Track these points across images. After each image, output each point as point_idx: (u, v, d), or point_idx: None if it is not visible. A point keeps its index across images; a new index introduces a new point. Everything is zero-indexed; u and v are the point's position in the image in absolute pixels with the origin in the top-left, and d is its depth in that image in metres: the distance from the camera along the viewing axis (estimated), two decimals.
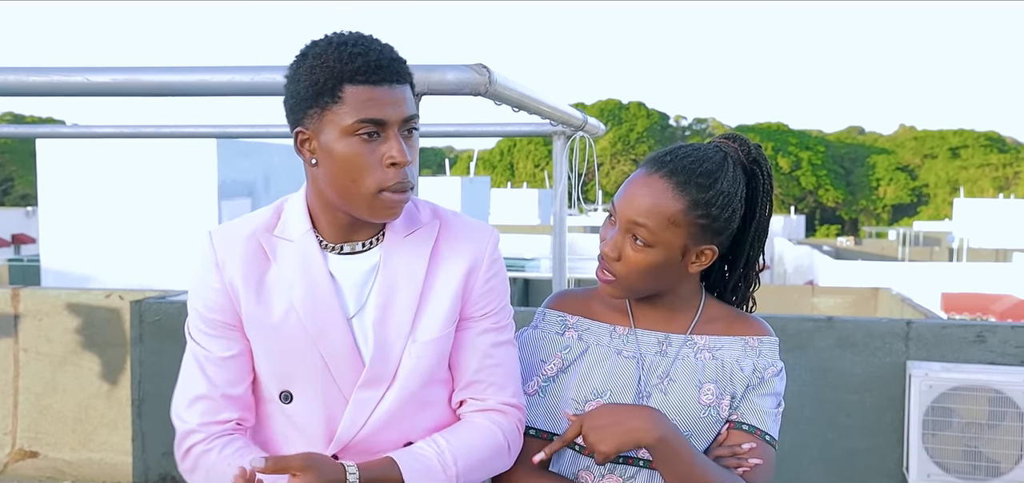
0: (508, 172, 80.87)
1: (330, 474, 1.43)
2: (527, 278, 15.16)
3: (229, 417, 1.55)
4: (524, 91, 2.35)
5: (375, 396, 1.54)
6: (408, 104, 1.49)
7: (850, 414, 4.09)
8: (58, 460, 5.13)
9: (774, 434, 1.66)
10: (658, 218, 1.59)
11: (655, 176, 1.62)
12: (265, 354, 1.56)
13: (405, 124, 1.48)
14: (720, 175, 1.61)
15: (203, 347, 1.56)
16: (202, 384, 1.55)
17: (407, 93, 1.50)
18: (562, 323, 1.74)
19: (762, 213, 1.69)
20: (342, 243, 1.56)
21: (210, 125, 4.86)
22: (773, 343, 1.71)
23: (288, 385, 1.56)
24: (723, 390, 1.64)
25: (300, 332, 1.52)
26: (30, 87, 2.15)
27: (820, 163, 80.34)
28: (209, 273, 1.56)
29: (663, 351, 1.68)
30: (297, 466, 1.40)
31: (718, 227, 1.62)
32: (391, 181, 1.46)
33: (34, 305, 5.16)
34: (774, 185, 1.72)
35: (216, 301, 1.55)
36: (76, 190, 12.99)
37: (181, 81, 2.11)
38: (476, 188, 26.73)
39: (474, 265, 1.60)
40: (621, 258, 1.62)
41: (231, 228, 1.60)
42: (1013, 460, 3.71)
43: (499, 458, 1.61)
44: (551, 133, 3.55)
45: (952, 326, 4.13)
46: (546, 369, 1.70)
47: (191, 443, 1.54)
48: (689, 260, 1.63)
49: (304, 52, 1.48)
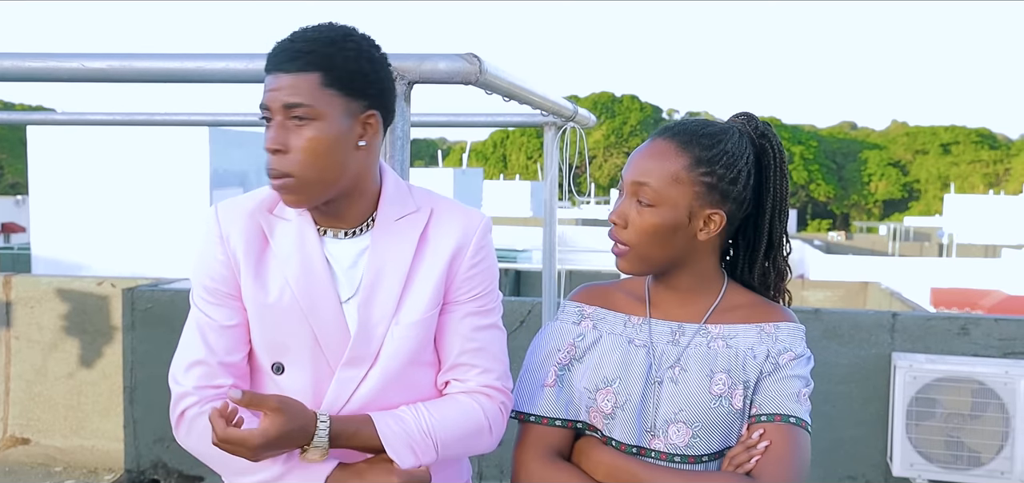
0: (501, 164, 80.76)
1: (300, 419, 1.48)
2: (519, 269, 15.19)
3: (223, 382, 1.58)
4: (514, 80, 2.38)
5: (357, 375, 1.58)
6: (290, 91, 1.47)
7: (836, 404, 4.14)
8: (50, 447, 5.15)
9: (800, 416, 1.58)
10: (661, 175, 1.60)
11: (659, 139, 1.65)
12: (260, 327, 1.60)
13: (288, 111, 1.47)
14: (724, 138, 1.62)
15: (206, 315, 1.60)
16: (201, 350, 1.58)
17: (293, 80, 1.47)
18: (579, 314, 1.75)
19: (777, 186, 1.67)
20: (328, 227, 1.60)
21: (203, 113, 4.85)
22: (793, 329, 1.66)
23: (280, 357, 1.60)
24: (735, 380, 1.61)
25: (293, 308, 1.56)
26: (26, 72, 2.16)
27: (812, 158, 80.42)
28: (214, 245, 1.60)
29: (675, 340, 1.67)
30: (270, 406, 1.45)
31: (724, 189, 1.61)
32: (270, 167, 1.50)
33: (26, 292, 5.17)
34: (786, 160, 1.69)
35: (220, 272, 1.59)
36: (67, 178, 12.95)
37: (177, 68, 2.13)
38: (469, 180, 26.74)
39: (460, 249, 1.62)
40: (628, 224, 1.63)
41: (236, 203, 1.64)
42: (994, 450, 3.76)
43: (479, 437, 1.64)
44: (542, 124, 3.57)
45: (937, 318, 4.18)
46: (560, 358, 1.71)
47: (186, 405, 1.57)
48: (697, 226, 1.62)
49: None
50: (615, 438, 1.64)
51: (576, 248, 19.79)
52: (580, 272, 13.42)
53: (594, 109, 56.79)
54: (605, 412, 1.65)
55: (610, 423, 1.64)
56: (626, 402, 1.63)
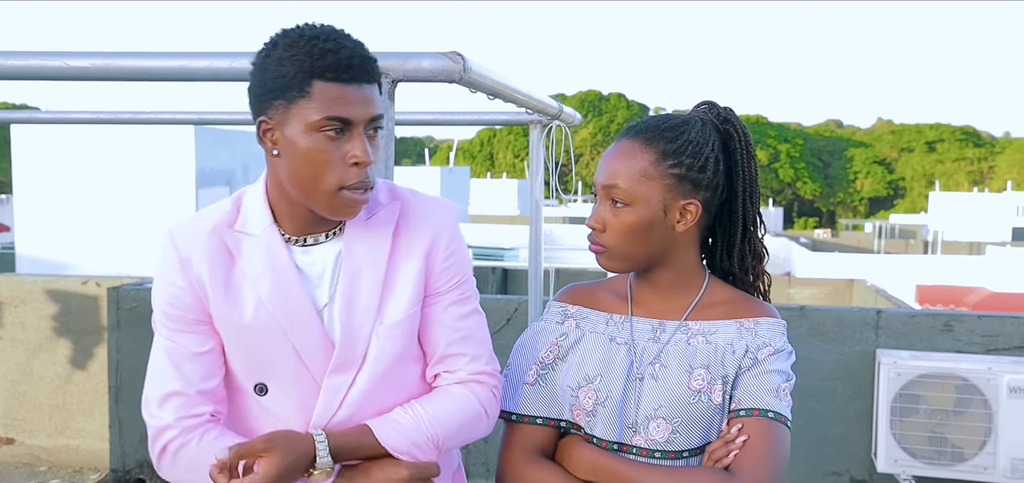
0: (488, 162, 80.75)
1: (297, 448, 1.45)
2: (506, 268, 15.17)
3: (203, 410, 1.54)
4: (498, 79, 2.38)
5: (346, 380, 1.55)
6: (375, 104, 1.48)
7: (820, 401, 4.16)
8: (35, 447, 5.12)
9: (779, 410, 1.59)
10: (630, 174, 1.62)
11: (623, 140, 1.67)
12: (238, 350, 1.55)
13: (371, 124, 1.48)
14: (687, 128, 1.64)
15: (175, 343, 1.54)
16: (175, 380, 1.52)
17: (375, 93, 1.49)
18: (562, 313, 1.77)
19: (746, 169, 1.68)
20: (304, 236, 1.56)
21: (188, 112, 4.83)
22: (773, 324, 1.67)
23: (262, 378, 1.56)
24: (714, 375, 1.61)
25: (271, 326, 1.52)
26: (8, 70, 2.14)
27: (798, 156, 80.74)
28: (172, 271, 1.54)
29: (656, 337, 1.68)
30: (261, 449, 1.42)
31: (694, 178, 1.62)
32: (352, 180, 1.46)
33: (10, 292, 5.14)
34: (752, 142, 1.71)
35: (182, 299, 1.53)
36: (52, 177, 12.88)
37: (160, 66, 2.12)
38: (456, 178, 26.73)
39: (434, 241, 1.60)
40: (606, 227, 1.65)
41: (191, 224, 1.57)
42: (977, 446, 3.79)
43: (477, 424, 1.63)
44: (527, 122, 3.58)
45: (921, 315, 4.21)
46: (543, 356, 1.72)
47: (167, 440, 1.52)
48: (673, 218, 1.63)
49: (274, 41, 1.47)
50: (596, 435, 1.65)
51: (563, 246, 19.80)
52: (567, 270, 13.41)
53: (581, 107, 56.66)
54: (587, 409, 1.66)
55: (592, 420, 1.65)
56: (607, 399, 1.64)
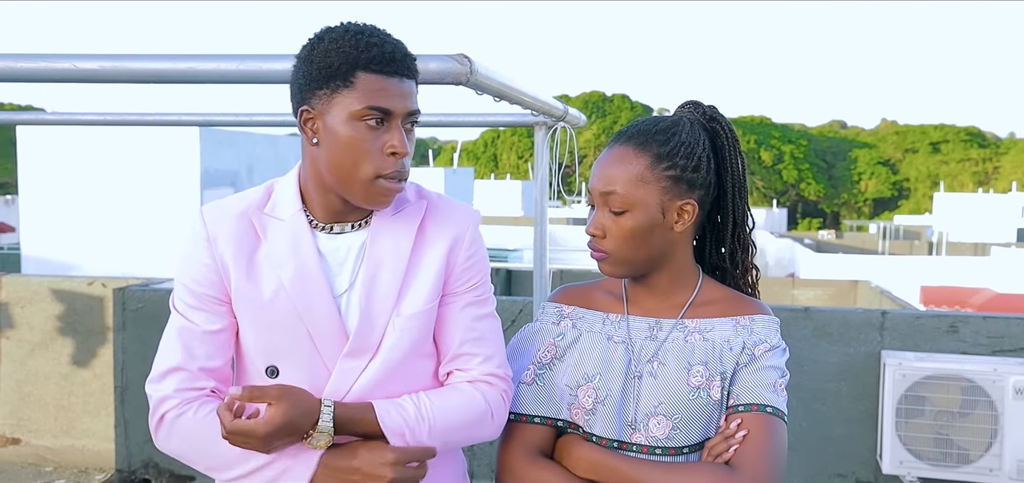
0: (492, 164, 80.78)
1: (304, 405, 1.49)
2: (510, 269, 15.17)
3: (204, 385, 1.58)
4: (504, 81, 2.39)
5: (358, 366, 1.59)
6: (413, 99, 1.56)
7: (825, 402, 4.16)
8: (40, 447, 5.13)
9: (776, 405, 1.63)
10: (626, 180, 1.64)
11: (616, 146, 1.69)
12: (253, 330, 1.60)
13: (408, 117, 1.55)
14: (677, 129, 1.67)
15: (188, 320, 1.59)
16: (179, 356, 1.57)
17: (413, 88, 1.57)
18: (559, 314, 1.79)
19: (734, 165, 1.72)
20: (332, 223, 1.61)
21: (193, 113, 4.84)
22: (768, 321, 1.71)
23: (275, 360, 1.60)
24: (713, 371, 1.64)
25: (288, 309, 1.57)
26: (18, 73, 2.16)
27: (802, 157, 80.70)
28: (199, 248, 1.59)
29: (653, 335, 1.70)
30: (272, 395, 1.46)
31: (689, 178, 1.65)
32: (389, 169, 1.53)
33: (16, 292, 5.16)
34: (738, 138, 1.75)
35: (205, 276, 1.59)
36: (57, 178, 12.89)
37: (169, 68, 2.12)
38: (460, 179, 26.68)
39: (456, 242, 1.66)
40: (606, 234, 1.67)
41: (222, 205, 1.63)
42: (983, 448, 3.79)
43: (482, 424, 1.65)
44: (532, 123, 3.58)
45: (926, 317, 4.20)
46: (540, 356, 1.74)
47: (165, 410, 1.56)
48: (672, 219, 1.66)
49: (320, 36, 1.54)
50: (596, 433, 1.66)
51: (567, 247, 19.78)
52: (571, 271, 13.42)
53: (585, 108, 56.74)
54: (586, 408, 1.68)
55: (591, 419, 1.67)
56: (606, 397, 1.66)
